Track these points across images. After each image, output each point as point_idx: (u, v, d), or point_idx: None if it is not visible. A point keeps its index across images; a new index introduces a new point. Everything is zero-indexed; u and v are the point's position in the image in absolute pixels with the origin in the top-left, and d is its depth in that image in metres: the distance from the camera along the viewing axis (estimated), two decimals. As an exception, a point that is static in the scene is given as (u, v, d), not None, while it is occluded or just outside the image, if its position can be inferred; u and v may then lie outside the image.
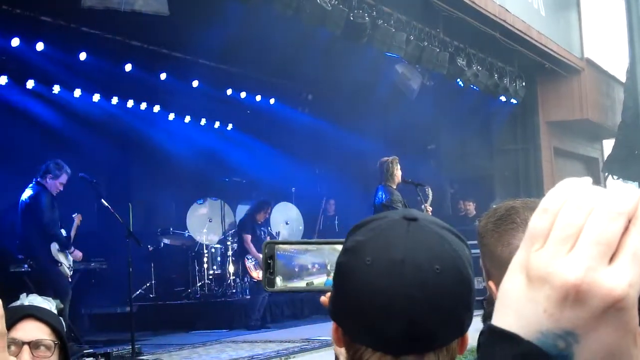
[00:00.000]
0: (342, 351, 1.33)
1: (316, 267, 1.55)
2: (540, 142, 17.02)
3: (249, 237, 12.44)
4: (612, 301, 0.61)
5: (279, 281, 1.55)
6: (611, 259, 0.62)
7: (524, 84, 15.99)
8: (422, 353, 1.21)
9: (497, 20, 13.63)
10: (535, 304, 0.63)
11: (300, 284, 1.55)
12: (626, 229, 0.63)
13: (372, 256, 1.21)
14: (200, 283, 13.78)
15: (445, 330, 1.21)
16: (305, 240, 1.64)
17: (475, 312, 1.26)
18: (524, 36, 14.69)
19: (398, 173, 10.33)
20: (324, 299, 1.53)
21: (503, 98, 15.67)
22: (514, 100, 15.93)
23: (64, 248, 9.86)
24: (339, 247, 1.33)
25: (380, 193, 10.00)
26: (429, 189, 10.95)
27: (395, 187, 10.28)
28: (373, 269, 1.20)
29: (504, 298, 0.67)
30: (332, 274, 1.42)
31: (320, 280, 1.55)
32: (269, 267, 1.56)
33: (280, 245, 1.56)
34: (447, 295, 1.20)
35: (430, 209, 10.59)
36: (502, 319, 0.66)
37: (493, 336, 0.65)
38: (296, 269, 1.55)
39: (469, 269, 1.24)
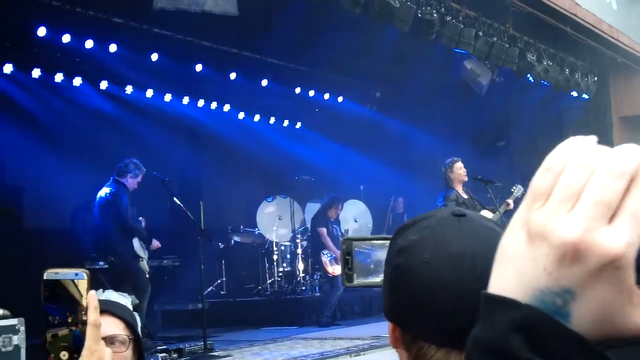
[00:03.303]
0: (398, 352, 1.33)
1: None
2: (613, 138, 16.66)
3: (324, 230, 12.49)
4: (609, 260, 0.62)
5: (356, 277, 1.57)
6: (611, 219, 0.62)
7: (595, 78, 15.68)
8: None
9: (567, 15, 13.37)
10: (534, 262, 0.64)
11: (376, 279, 1.57)
12: (628, 189, 0.63)
13: (429, 254, 1.23)
14: (270, 280, 13.88)
15: None
16: (381, 236, 1.67)
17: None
18: (595, 30, 14.39)
19: (456, 174, 10.38)
20: None
21: (574, 93, 15.39)
22: (585, 96, 15.63)
23: (145, 242, 10.08)
24: None
25: (440, 196, 10.24)
26: (517, 187, 10.88)
27: (457, 187, 10.32)
28: (432, 266, 1.22)
29: (504, 254, 0.67)
30: None
31: None
32: (347, 263, 1.59)
33: (358, 242, 1.59)
34: None
35: (511, 202, 10.53)
36: (501, 275, 0.67)
37: (490, 302, 0.66)
38: (372, 265, 1.58)
39: None
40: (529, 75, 13.78)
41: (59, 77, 12.19)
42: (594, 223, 0.62)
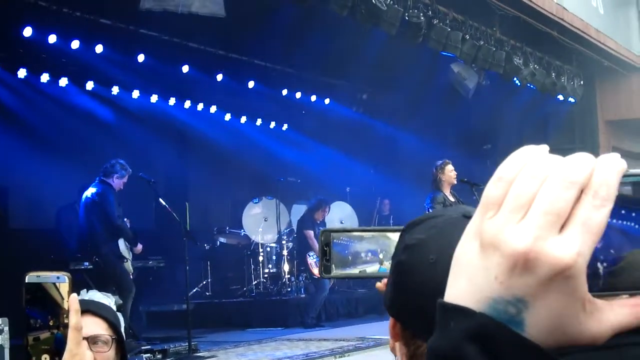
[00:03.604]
0: (396, 345, 1.34)
1: (369, 255, 1.57)
2: (599, 142, 16.75)
3: (311, 232, 12.52)
4: (559, 269, 0.62)
5: (334, 268, 1.58)
6: (562, 228, 0.63)
7: (582, 82, 15.75)
8: None
9: (554, 19, 13.44)
10: (486, 271, 0.64)
11: (354, 271, 1.58)
12: (578, 198, 0.64)
13: (435, 254, 1.22)
14: (255, 282, 13.88)
15: None
16: (361, 227, 1.66)
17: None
18: (582, 34, 14.47)
19: (447, 176, 10.38)
20: (380, 285, 1.55)
21: (561, 97, 15.47)
22: (572, 99, 15.70)
23: (131, 243, 10.06)
24: (391, 235, 1.34)
25: (427, 198, 10.16)
26: None
27: (445, 190, 10.33)
28: (437, 267, 1.20)
29: (458, 264, 0.68)
30: (385, 262, 1.43)
31: (373, 268, 1.57)
32: (325, 255, 1.59)
33: (336, 233, 1.59)
34: None
35: None
36: (455, 287, 0.67)
37: (445, 311, 0.67)
38: (350, 257, 1.58)
39: None
40: (515, 79, 13.83)
41: (44, 78, 12.14)
42: (544, 232, 0.62)
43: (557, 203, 0.63)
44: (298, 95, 15.52)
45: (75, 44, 11.61)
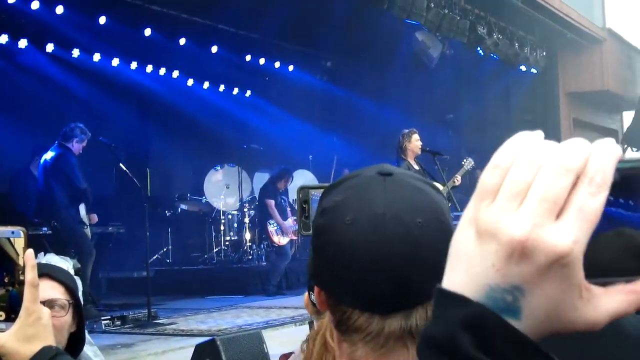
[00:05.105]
0: (325, 315, 1.31)
1: None
2: (560, 113, 16.90)
3: (272, 202, 12.50)
4: (556, 257, 0.63)
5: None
6: (558, 215, 0.64)
7: (544, 53, 15.85)
8: (410, 309, 1.19)
9: (518, -12, 13.48)
10: (483, 259, 0.65)
11: None
12: (574, 184, 0.64)
13: (351, 215, 1.19)
14: (216, 249, 13.85)
15: (432, 283, 1.18)
16: None
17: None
18: (546, 5, 14.53)
19: (413, 145, 10.38)
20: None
21: (523, 67, 15.56)
22: (534, 70, 15.81)
23: (90, 208, 9.96)
24: None
25: None
26: (468, 160, 10.97)
27: (410, 159, 10.33)
28: (353, 227, 1.18)
29: (454, 252, 0.68)
30: None
31: None
32: (304, 212, 1.58)
33: (314, 190, 1.57)
34: (431, 247, 1.17)
35: (459, 178, 10.63)
36: (452, 273, 0.68)
37: (442, 298, 0.67)
38: None
39: (449, 219, 1.22)
40: (479, 49, 13.87)
41: (3, 39, 11.90)
42: (541, 220, 0.63)
43: (553, 190, 0.64)
44: (262, 61, 15.41)
45: (35, 5, 11.42)
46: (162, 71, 14.63)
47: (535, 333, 0.64)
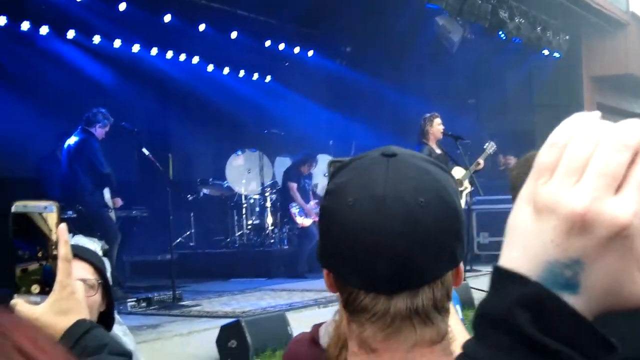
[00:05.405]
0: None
1: None
2: (583, 98, 16.77)
3: (294, 185, 12.62)
4: (617, 229, 0.63)
5: None
6: (617, 190, 0.64)
7: (567, 37, 15.72)
8: (416, 288, 1.19)
9: (541, -28, 13.36)
10: (542, 235, 0.65)
11: None
12: (632, 161, 0.65)
13: (353, 197, 1.20)
14: (239, 233, 13.93)
15: (437, 263, 1.20)
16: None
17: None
18: (569, -12, 14.40)
19: (435, 129, 10.38)
20: None
21: (546, 52, 15.43)
22: (557, 54, 15.68)
23: (114, 192, 10.03)
24: None
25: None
26: (490, 143, 10.94)
27: (431, 143, 10.32)
28: (355, 209, 1.18)
29: (512, 231, 0.69)
30: None
31: None
32: None
33: None
34: (433, 226, 1.18)
35: (482, 162, 10.61)
36: (510, 252, 0.68)
37: (500, 276, 0.68)
38: None
39: (455, 199, 1.23)
40: (500, 33, 13.77)
41: (25, 26, 11.96)
42: (600, 193, 0.64)
43: (611, 165, 0.64)
44: (281, 46, 15.40)
45: (56, -9, 11.44)
46: (183, 57, 14.67)
47: (593, 308, 0.65)
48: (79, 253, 2.64)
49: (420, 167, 1.23)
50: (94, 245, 2.87)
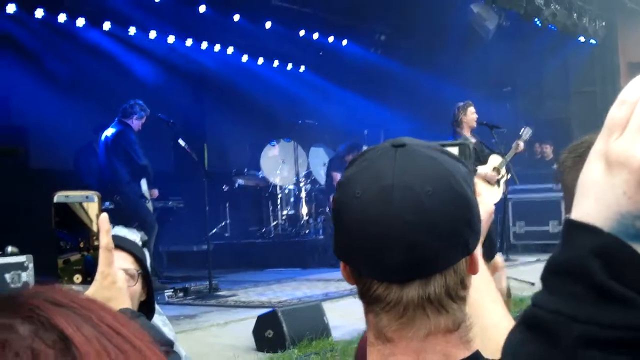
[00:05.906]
0: None
1: None
2: (620, 84, 16.55)
3: (338, 175, 12.60)
4: None
5: None
6: None
7: (603, 23, 15.52)
8: (427, 277, 1.20)
9: (577, -43, 13.19)
10: (614, 188, 0.67)
11: None
12: None
13: (361, 188, 1.21)
14: (274, 223, 13.97)
15: (448, 251, 1.21)
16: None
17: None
18: (605, -26, 14.21)
19: (469, 118, 10.29)
20: None
21: (582, 38, 15.26)
22: (593, 41, 15.50)
23: (151, 184, 10.11)
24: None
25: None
26: (525, 128, 10.83)
27: (466, 132, 10.24)
28: (363, 200, 1.20)
29: (583, 186, 0.70)
30: None
31: None
32: None
33: None
34: (443, 215, 1.18)
35: (522, 144, 10.51)
36: (581, 206, 0.69)
37: (572, 228, 0.69)
38: None
39: (465, 187, 1.23)
40: (536, 20, 13.63)
41: (62, 18, 12.06)
42: None
43: None
44: (315, 36, 15.38)
45: (91, -17, 11.52)
46: (217, 47, 14.70)
47: None
48: (120, 243, 2.68)
49: (429, 156, 1.23)
50: (134, 235, 2.90)
